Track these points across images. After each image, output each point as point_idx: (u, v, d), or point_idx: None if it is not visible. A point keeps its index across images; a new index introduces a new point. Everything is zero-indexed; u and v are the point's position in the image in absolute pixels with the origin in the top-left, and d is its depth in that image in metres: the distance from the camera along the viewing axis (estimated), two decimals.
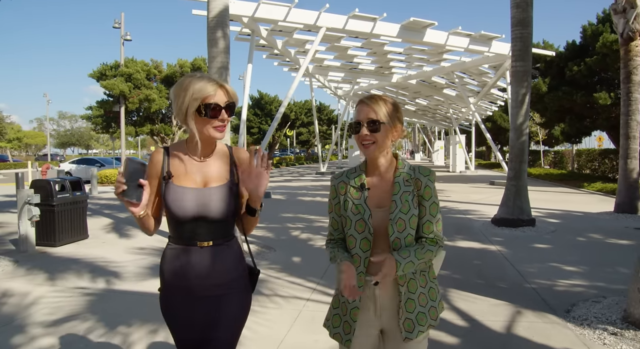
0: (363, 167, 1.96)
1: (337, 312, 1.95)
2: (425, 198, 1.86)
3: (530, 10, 8.82)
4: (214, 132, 1.87)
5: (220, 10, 6.70)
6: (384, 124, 1.83)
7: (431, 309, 1.88)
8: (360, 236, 1.85)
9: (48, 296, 4.94)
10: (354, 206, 1.88)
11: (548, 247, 7.31)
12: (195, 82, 1.84)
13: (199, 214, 1.87)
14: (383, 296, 1.87)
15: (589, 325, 4.00)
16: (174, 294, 1.96)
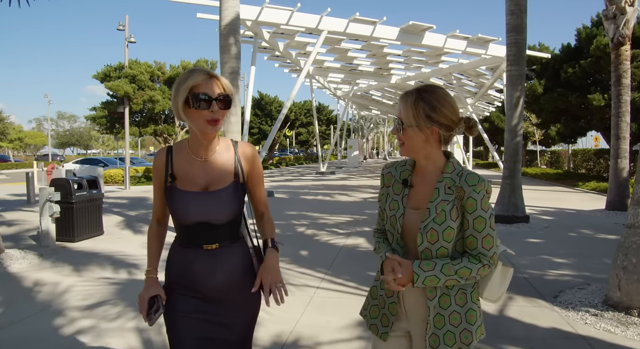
0: (411, 162, 1.84)
1: (375, 303, 1.87)
2: (469, 211, 1.67)
3: (525, 17, 9.26)
4: (205, 126, 1.77)
5: (232, 18, 7.12)
6: (406, 126, 1.71)
7: (464, 332, 1.70)
8: (393, 231, 1.78)
9: (77, 285, 5.36)
10: (392, 201, 1.79)
11: (540, 241, 7.75)
12: (187, 74, 1.79)
13: (202, 219, 1.83)
14: (407, 300, 1.78)
15: (573, 308, 4.43)
16: (179, 295, 1.90)
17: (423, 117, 1.68)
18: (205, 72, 1.78)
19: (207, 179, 1.85)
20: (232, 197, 1.85)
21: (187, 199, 1.82)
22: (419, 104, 1.68)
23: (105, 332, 3.93)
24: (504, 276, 1.84)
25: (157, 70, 22.82)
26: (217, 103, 1.75)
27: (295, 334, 3.89)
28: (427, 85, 1.78)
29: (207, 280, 1.85)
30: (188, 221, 1.83)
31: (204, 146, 1.86)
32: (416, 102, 1.69)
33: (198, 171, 1.86)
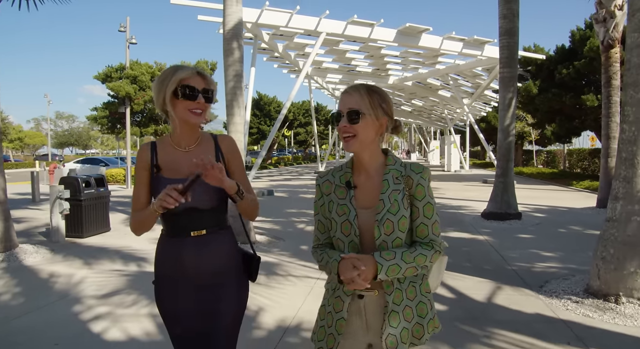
0: (349, 165, 1.82)
1: (322, 324, 1.80)
2: (418, 198, 1.71)
3: (517, 21, 9.59)
4: (189, 115, 1.89)
5: (235, 24, 7.43)
6: (364, 115, 1.68)
7: (416, 326, 1.70)
8: (347, 239, 1.71)
9: (91, 277, 5.67)
10: (339, 207, 1.73)
11: (531, 237, 8.07)
12: (174, 69, 1.92)
13: (189, 205, 1.87)
14: (370, 309, 1.72)
15: (556, 296, 4.75)
16: (170, 285, 1.98)
17: (378, 107, 1.70)
18: (193, 68, 1.93)
19: (190, 168, 1.88)
20: None
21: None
22: (372, 94, 1.71)
23: (121, 317, 4.24)
24: (440, 264, 1.91)
25: (158, 71, 23.08)
26: (202, 96, 1.89)
27: (297, 319, 4.20)
28: (365, 83, 1.81)
29: (196, 266, 1.92)
30: (176, 208, 1.83)
31: (186, 136, 1.97)
32: (369, 92, 1.71)
33: (181, 160, 1.95)
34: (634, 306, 4.26)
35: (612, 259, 4.49)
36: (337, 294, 1.75)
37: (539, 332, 3.87)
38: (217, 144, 2.05)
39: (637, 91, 4.42)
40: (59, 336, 3.86)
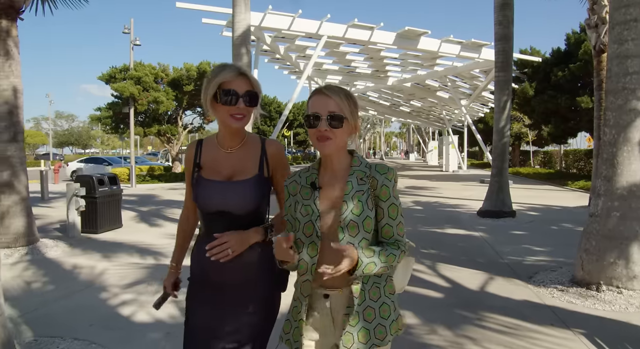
0: (316, 166, 1.80)
1: (288, 318, 1.82)
2: (382, 199, 1.70)
3: (511, 27, 10.02)
4: (230, 120, 1.83)
5: (244, 31, 7.85)
6: (346, 119, 1.68)
7: (378, 327, 1.68)
8: (307, 240, 1.71)
9: (111, 268, 6.07)
10: (303, 207, 1.73)
11: (524, 233, 8.50)
12: (218, 69, 1.85)
13: (221, 208, 1.86)
14: (335, 308, 1.73)
15: (544, 285, 5.17)
16: (198, 287, 1.97)
17: (354, 111, 1.71)
18: (236, 68, 1.84)
19: (231, 170, 1.89)
20: (253, 189, 1.87)
21: (209, 187, 1.88)
22: (349, 99, 1.70)
23: (146, 303, 4.63)
24: (407, 266, 1.90)
25: (161, 72, 23.47)
26: (243, 100, 1.80)
27: None
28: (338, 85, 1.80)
29: (225, 271, 1.86)
30: (209, 208, 1.88)
31: (229, 138, 1.91)
32: (347, 97, 1.70)
33: (223, 161, 1.91)
34: (612, 293, 4.67)
35: (594, 251, 4.90)
36: (296, 296, 1.78)
37: (526, 316, 4.28)
38: (264, 148, 1.96)
39: (617, 97, 4.84)
40: (91, 317, 4.27)
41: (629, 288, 4.67)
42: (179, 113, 24.61)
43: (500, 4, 10.04)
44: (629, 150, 4.77)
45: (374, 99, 38.21)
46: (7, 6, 6.78)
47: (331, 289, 1.71)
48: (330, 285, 1.70)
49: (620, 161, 4.79)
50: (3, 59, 6.82)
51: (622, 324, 4.07)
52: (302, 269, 1.72)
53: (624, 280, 4.69)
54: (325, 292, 1.72)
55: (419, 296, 4.85)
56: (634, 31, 4.77)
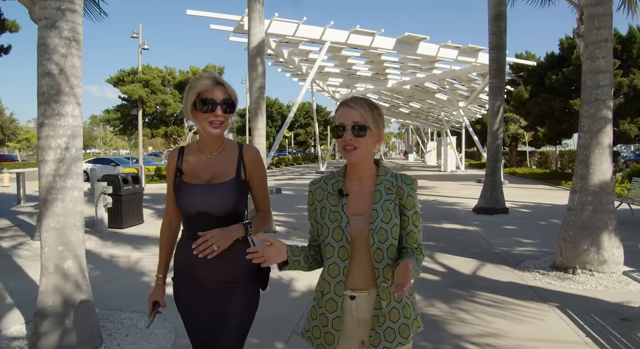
0: (342, 173, 1.89)
1: (315, 323, 1.88)
2: (408, 208, 1.81)
3: (504, 36, 10.78)
4: (208, 128, 1.92)
5: (259, 42, 8.59)
6: (370, 129, 1.77)
7: (402, 326, 1.81)
8: (337, 244, 1.79)
9: (145, 257, 6.81)
10: (331, 213, 1.81)
11: (514, 228, 9.26)
12: (197, 79, 1.94)
13: (201, 210, 1.95)
14: (362, 310, 1.82)
15: (528, 270, 5.92)
16: (183, 284, 2.07)
17: (378, 122, 1.80)
18: (212, 78, 1.93)
19: (210, 174, 2.00)
20: (231, 191, 1.98)
21: (190, 191, 1.98)
22: (374, 109, 1.79)
23: None
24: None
25: (168, 75, 24.21)
26: (220, 107, 1.90)
27: None
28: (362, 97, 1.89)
29: (207, 268, 1.96)
30: (190, 210, 1.97)
31: (209, 144, 2.01)
32: (371, 107, 1.79)
33: (203, 166, 2.01)
34: (585, 275, 5.43)
35: (571, 240, 5.66)
36: (329, 296, 1.82)
37: (510, 293, 5.04)
38: (241, 154, 2.07)
39: (590, 106, 5.60)
40: (140, 296, 5.00)
41: (599, 271, 5.43)
42: None
43: (493, 15, 10.80)
44: (600, 152, 5.53)
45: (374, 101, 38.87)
46: None
47: (358, 291, 1.81)
48: (357, 287, 1.80)
49: (593, 162, 5.55)
50: None
51: (590, 300, 4.83)
52: (334, 272, 1.80)
53: (595, 264, 5.45)
54: (352, 294, 1.81)
55: (419, 279, 5.59)
56: (604, 50, 5.54)
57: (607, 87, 5.52)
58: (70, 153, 3.58)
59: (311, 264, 1.91)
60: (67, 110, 3.54)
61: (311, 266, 1.92)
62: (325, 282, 1.84)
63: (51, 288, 3.50)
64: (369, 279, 1.78)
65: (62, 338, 3.47)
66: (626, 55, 19.26)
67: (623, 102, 18.92)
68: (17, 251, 7.17)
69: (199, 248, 1.84)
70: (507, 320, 4.27)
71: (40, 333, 3.46)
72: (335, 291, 1.80)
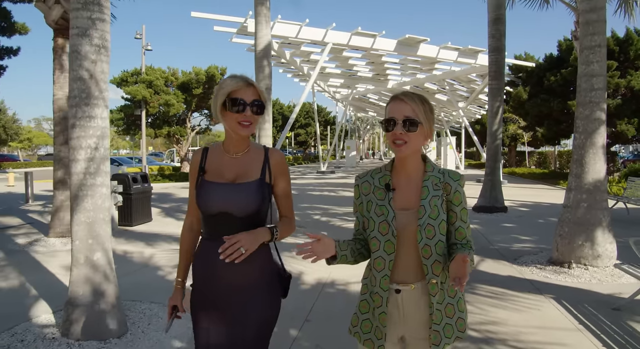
0: (389, 168, 1.89)
1: (366, 317, 1.89)
2: (455, 203, 1.81)
3: (503, 39, 11.05)
4: (237, 128, 1.91)
5: (265, 45, 8.85)
6: (420, 124, 1.75)
7: (459, 321, 1.83)
8: (383, 238, 1.80)
9: (157, 253, 7.07)
10: (378, 207, 1.82)
11: (513, 225, 9.53)
12: (227, 79, 1.94)
13: (223, 209, 1.92)
14: (408, 304, 1.82)
15: (526, 265, 6.19)
16: (203, 289, 2.01)
17: (430, 117, 1.79)
18: (244, 79, 1.93)
19: (234, 174, 1.98)
20: (254, 192, 1.94)
21: (211, 189, 1.95)
22: (425, 104, 1.78)
23: None
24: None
25: (171, 75, 24.45)
26: (250, 108, 1.89)
27: (331, 278, 5.63)
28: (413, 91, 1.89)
29: (227, 272, 1.92)
30: (211, 209, 1.93)
31: (235, 144, 1.99)
32: (423, 102, 1.78)
33: (227, 165, 1.99)
34: (580, 269, 5.70)
35: (566, 236, 5.93)
36: (375, 290, 1.83)
37: (509, 286, 5.31)
38: (267, 156, 2.04)
39: (584, 108, 5.87)
40: (155, 289, 5.28)
41: (593, 265, 5.70)
42: (188, 115, 25.62)
43: (493, 19, 11.07)
44: (594, 152, 5.80)
45: (374, 101, 39.21)
46: (64, 27, 7.77)
47: (403, 285, 1.81)
48: (402, 281, 1.81)
49: (587, 161, 5.82)
50: (59, 72, 7.83)
51: (583, 292, 5.10)
52: (380, 266, 1.81)
53: (589, 259, 5.72)
54: (398, 287, 1.81)
55: None
56: (598, 55, 5.81)
57: (601, 90, 5.79)
58: (99, 152, 3.85)
59: (357, 258, 1.92)
60: (96, 112, 3.81)
61: (357, 260, 1.93)
62: (372, 276, 1.86)
63: (82, 278, 3.77)
64: (414, 273, 1.79)
65: (92, 325, 3.74)
66: (623, 57, 19.53)
67: (620, 103, 19.19)
68: (33, 248, 7.43)
69: (225, 252, 1.80)
70: (505, 310, 4.54)
71: (72, 320, 3.73)
72: (380, 285, 1.81)
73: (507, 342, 3.80)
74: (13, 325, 4.13)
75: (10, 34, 12.47)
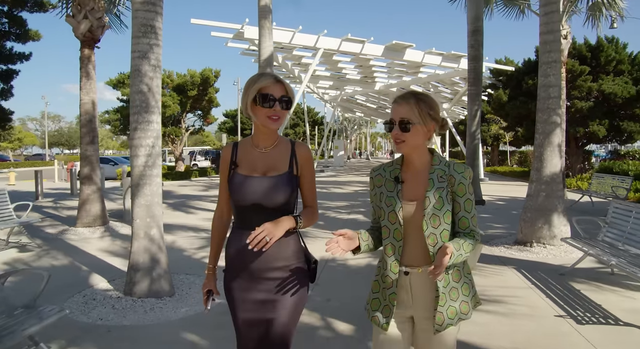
0: (399, 162, 2.00)
1: (376, 296, 2.02)
2: (459, 194, 1.90)
3: (481, 49, 12.22)
4: (267, 121, 2.01)
5: (268, 55, 9.89)
6: (414, 124, 1.86)
7: (462, 304, 1.94)
8: (392, 226, 1.93)
9: (178, 239, 8.07)
10: (387, 198, 1.94)
11: (490, 216, 10.70)
12: (257, 76, 2.05)
13: (257, 201, 2.03)
14: (416, 286, 1.94)
15: (496, 245, 7.32)
16: (236, 275, 2.12)
17: (426, 115, 1.88)
18: (273, 76, 2.05)
19: (265, 167, 2.08)
20: (284, 184, 2.06)
21: (245, 182, 2.06)
22: (420, 104, 1.88)
23: None
24: (477, 250, 2.17)
25: (167, 77, 25.28)
26: (279, 103, 2.00)
27: (332, 256, 6.69)
28: (415, 91, 2.00)
29: (259, 260, 2.04)
30: (244, 201, 2.05)
31: (264, 138, 2.11)
32: (417, 103, 1.88)
33: (258, 159, 2.10)
34: (540, 247, 6.84)
35: (529, 220, 7.07)
36: (386, 273, 1.96)
37: (481, 259, 6.40)
38: (294, 150, 2.15)
39: (543, 113, 7.02)
40: (187, 264, 6.29)
41: (550, 244, 6.85)
42: (182, 116, 26.50)
43: (472, 30, 12.23)
44: (551, 150, 6.95)
45: (362, 102, 40.38)
46: (90, 39, 8.73)
47: (411, 267, 1.94)
48: (411, 264, 1.94)
49: (546, 157, 6.97)
50: (85, 79, 8.77)
51: (539, 264, 6.24)
52: (390, 251, 1.95)
53: (547, 239, 6.87)
54: (406, 269, 1.94)
55: None
56: (554, 69, 6.96)
57: (557, 98, 6.94)
58: (155, 150, 4.86)
59: (377, 244, 2.07)
60: (153, 118, 4.83)
61: (377, 246, 2.08)
62: (383, 260, 2.00)
63: (142, 249, 4.79)
64: (422, 257, 1.91)
65: (150, 286, 4.76)
66: (595, 63, 20.89)
67: (592, 106, 20.52)
68: (65, 236, 8.38)
69: (253, 242, 1.89)
70: (475, 276, 5.61)
71: (135, 282, 4.74)
72: (391, 268, 1.94)
73: None
74: (80, 290, 5.13)
75: (24, 41, 13.30)
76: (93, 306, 4.60)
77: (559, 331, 3.99)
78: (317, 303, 4.74)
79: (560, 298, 4.79)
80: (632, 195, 12.93)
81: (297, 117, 58.37)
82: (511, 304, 4.64)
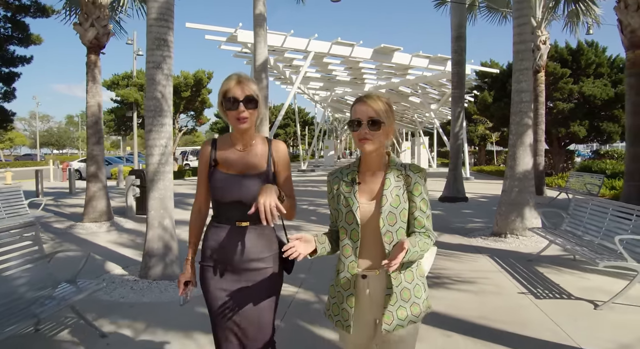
0: (356, 164, 2.05)
1: (334, 301, 2.04)
2: (415, 194, 1.93)
3: (464, 54, 12.93)
4: (235, 123, 2.09)
5: (263, 61, 10.50)
6: (383, 123, 1.90)
7: (413, 305, 1.94)
8: (350, 227, 1.95)
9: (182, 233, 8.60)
10: (345, 199, 1.97)
11: (471, 211, 11.40)
12: (224, 81, 2.13)
13: (237, 198, 2.12)
14: (374, 288, 1.96)
15: (473, 237, 8.01)
16: (212, 267, 2.19)
17: (390, 116, 1.95)
18: (236, 78, 2.10)
19: (243, 165, 2.16)
20: (263, 182, 2.12)
21: (226, 180, 2.14)
22: (387, 105, 1.95)
23: None
24: (432, 252, 2.15)
25: None
26: (243, 104, 2.06)
27: None
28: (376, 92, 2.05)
29: (237, 251, 2.13)
30: (225, 198, 2.13)
31: (240, 138, 2.17)
32: (385, 104, 1.95)
33: (236, 158, 2.17)
34: (513, 238, 7.54)
35: (503, 214, 7.76)
36: (344, 275, 1.98)
37: (458, 249, 7.09)
38: (271, 148, 2.22)
39: (516, 116, 7.71)
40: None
41: (522, 235, 7.54)
42: (176, 116, 26.97)
43: (455, 36, 12.94)
44: (523, 149, 7.64)
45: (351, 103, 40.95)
46: (96, 45, 9.28)
47: (369, 270, 1.96)
48: (368, 265, 1.95)
49: (518, 156, 7.66)
50: (91, 83, 9.32)
51: (512, 252, 6.94)
52: (347, 253, 1.97)
53: (520, 230, 7.56)
54: (363, 273, 1.96)
55: None
56: (526, 76, 7.65)
57: (528, 102, 7.63)
58: (167, 149, 5.47)
59: (334, 248, 2.09)
60: (165, 121, 5.43)
61: (334, 249, 2.09)
62: (340, 262, 2.01)
63: (156, 237, 5.39)
64: (379, 258, 1.92)
65: (163, 270, 5.36)
66: (576, 66, 21.72)
67: (573, 107, 21.34)
68: (74, 230, 8.93)
69: (267, 218, 1.89)
70: (452, 262, 6.32)
71: (150, 266, 5.35)
72: (348, 270, 1.96)
73: (451, 277, 5.57)
74: (98, 276, 5.71)
75: (27, 45, 13.76)
76: (113, 288, 5.20)
77: (519, 304, 4.67)
78: (311, 284, 5.37)
79: (524, 279, 5.47)
80: (607, 192, 13.70)
81: (288, 117, 58.95)
82: (481, 284, 5.32)
